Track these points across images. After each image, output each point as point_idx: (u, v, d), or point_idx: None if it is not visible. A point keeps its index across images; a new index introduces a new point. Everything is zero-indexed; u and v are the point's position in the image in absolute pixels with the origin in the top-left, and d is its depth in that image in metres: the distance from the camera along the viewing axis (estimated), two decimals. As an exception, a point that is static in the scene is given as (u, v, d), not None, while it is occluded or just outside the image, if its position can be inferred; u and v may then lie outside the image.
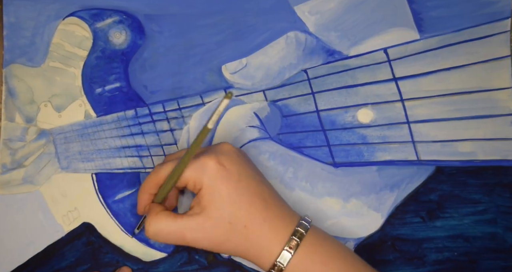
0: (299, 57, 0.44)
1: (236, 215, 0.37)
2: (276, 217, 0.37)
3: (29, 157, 0.47)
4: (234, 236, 0.37)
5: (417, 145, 0.41)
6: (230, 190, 0.37)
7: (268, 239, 0.37)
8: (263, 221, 0.37)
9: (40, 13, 0.47)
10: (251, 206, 0.37)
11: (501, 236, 0.40)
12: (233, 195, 0.37)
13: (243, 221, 0.37)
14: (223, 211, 0.37)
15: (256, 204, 0.37)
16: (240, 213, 0.37)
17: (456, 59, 0.41)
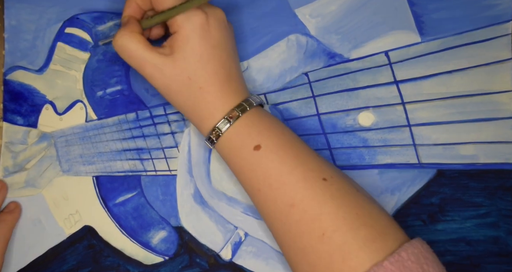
0: (300, 60, 0.44)
1: (197, 74, 0.38)
2: (231, 90, 0.39)
3: (31, 160, 0.47)
4: (187, 92, 0.38)
5: (418, 148, 0.41)
6: (203, 49, 0.38)
7: (215, 105, 0.38)
8: (219, 89, 0.38)
9: (41, 16, 0.47)
10: (214, 73, 0.38)
11: (504, 240, 0.40)
12: (204, 55, 0.38)
13: (201, 81, 0.38)
14: (188, 65, 0.38)
15: (220, 74, 0.38)
16: (202, 73, 0.38)
17: (457, 62, 0.41)
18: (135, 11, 0.41)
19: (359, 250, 0.32)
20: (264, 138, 0.37)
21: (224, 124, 0.38)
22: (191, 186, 0.45)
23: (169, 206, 0.45)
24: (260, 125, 0.38)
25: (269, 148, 0.37)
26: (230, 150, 0.38)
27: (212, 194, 0.44)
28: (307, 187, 0.35)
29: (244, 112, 0.38)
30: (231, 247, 0.44)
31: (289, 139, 0.38)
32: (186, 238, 0.44)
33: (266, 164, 0.36)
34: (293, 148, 0.37)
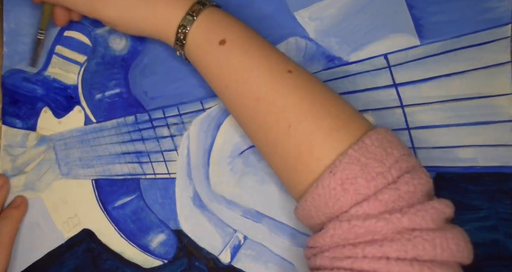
0: (299, 63, 0.44)
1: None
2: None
3: (30, 164, 0.47)
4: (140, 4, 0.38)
5: (418, 151, 0.41)
6: None
7: (172, 6, 0.38)
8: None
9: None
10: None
11: (503, 243, 0.40)
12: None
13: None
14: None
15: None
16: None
17: (456, 65, 0.41)
18: None
19: (324, 141, 0.33)
20: (228, 32, 0.37)
21: (188, 21, 0.38)
22: (190, 189, 0.45)
23: (168, 209, 0.45)
24: (223, 21, 0.38)
25: (233, 42, 0.37)
26: (197, 48, 0.38)
27: (211, 197, 0.44)
28: (272, 80, 0.35)
29: (205, 7, 0.38)
30: (230, 251, 0.44)
31: (252, 34, 0.38)
32: (185, 242, 0.44)
33: (232, 59, 0.36)
34: (257, 42, 0.37)
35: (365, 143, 0.32)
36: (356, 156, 0.31)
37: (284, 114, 0.34)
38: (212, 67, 0.38)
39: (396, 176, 0.31)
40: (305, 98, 0.34)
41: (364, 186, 0.31)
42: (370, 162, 0.31)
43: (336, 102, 0.35)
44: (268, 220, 0.43)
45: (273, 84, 0.35)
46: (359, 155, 0.31)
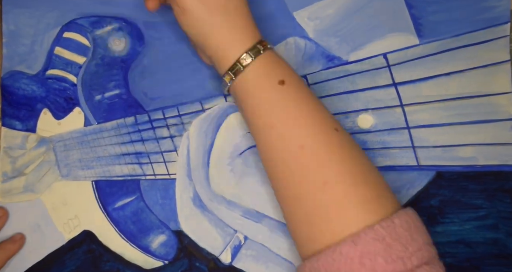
0: (299, 63, 0.44)
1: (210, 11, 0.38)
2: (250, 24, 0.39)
3: (30, 165, 0.47)
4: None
5: (417, 150, 0.41)
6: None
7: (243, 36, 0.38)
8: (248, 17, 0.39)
9: (39, 20, 0.47)
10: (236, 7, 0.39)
11: (503, 242, 0.40)
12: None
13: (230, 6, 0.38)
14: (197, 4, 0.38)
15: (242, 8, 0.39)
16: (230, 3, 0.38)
17: (455, 64, 0.41)
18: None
19: (355, 208, 0.33)
20: (287, 75, 0.37)
21: (248, 56, 0.37)
22: (190, 190, 0.45)
23: (169, 210, 0.45)
24: (281, 63, 0.38)
25: (293, 84, 0.37)
26: (254, 83, 0.37)
27: (212, 197, 0.44)
28: (321, 132, 0.35)
29: (266, 48, 0.38)
30: (231, 251, 0.44)
31: (305, 84, 0.38)
32: (186, 242, 0.44)
33: (288, 100, 0.36)
34: (311, 92, 0.38)
35: (394, 222, 0.32)
36: (382, 234, 0.31)
37: (324, 169, 0.34)
38: (265, 104, 0.37)
39: (415, 265, 0.31)
40: (347, 160, 0.34)
41: (382, 266, 0.30)
42: (395, 244, 0.31)
43: (373, 171, 0.35)
44: (268, 220, 0.43)
45: (321, 136, 0.35)
46: (386, 234, 0.31)
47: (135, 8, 0.46)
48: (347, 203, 0.33)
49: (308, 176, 0.34)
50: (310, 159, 0.35)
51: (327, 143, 0.35)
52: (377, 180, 0.35)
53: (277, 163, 0.37)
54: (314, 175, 0.34)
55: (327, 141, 0.35)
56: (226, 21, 0.38)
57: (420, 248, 0.31)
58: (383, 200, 0.34)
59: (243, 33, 0.38)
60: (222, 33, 0.38)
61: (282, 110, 0.36)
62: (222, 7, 0.38)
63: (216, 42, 0.39)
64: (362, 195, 0.33)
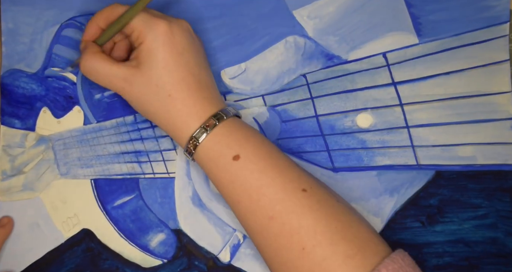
0: (298, 61, 0.44)
1: (164, 80, 0.37)
2: (203, 98, 0.38)
3: (29, 164, 0.47)
4: (157, 101, 0.38)
5: (417, 150, 0.41)
6: (168, 57, 0.38)
7: (187, 113, 0.38)
8: (187, 96, 0.38)
9: (38, 19, 0.47)
10: (182, 79, 0.38)
11: (502, 241, 0.40)
12: (170, 62, 0.38)
13: (169, 89, 0.38)
14: (154, 72, 0.37)
15: (188, 80, 0.38)
16: (169, 80, 0.37)
17: (455, 63, 0.41)
18: (95, 33, 0.41)
19: (339, 267, 0.32)
20: (243, 148, 0.36)
21: (201, 133, 0.37)
22: (189, 189, 0.45)
23: (168, 208, 0.45)
24: (238, 134, 0.37)
25: (248, 158, 0.36)
26: (209, 161, 0.37)
27: (211, 196, 0.44)
28: (287, 198, 0.35)
29: (221, 121, 0.37)
30: (230, 250, 0.44)
31: (268, 149, 0.37)
32: (185, 241, 0.44)
33: (246, 175, 0.36)
34: (272, 158, 0.37)
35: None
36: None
37: (298, 236, 0.34)
38: (224, 181, 0.37)
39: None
40: (320, 220, 0.34)
41: None
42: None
43: (352, 224, 0.35)
44: (267, 219, 0.43)
45: (287, 203, 0.34)
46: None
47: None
48: (329, 265, 0.32)
49: (284, 245, 0.34)
50: (282, 228, 0.34)
51: (296, 208, 0.34)
52: (358, 232, 0.34)
53: (253, 234, 0.37)
54: (290, 244, 0.34)
55: (296, 206, 0.34)
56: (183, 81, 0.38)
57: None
58: (368, 252, 0.33)
59: (200, 105, 0.38)
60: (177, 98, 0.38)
61: (242, 186, 0.36)
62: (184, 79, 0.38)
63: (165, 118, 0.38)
64: (343, 253, 0.33)
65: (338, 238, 0.33)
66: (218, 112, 0.38)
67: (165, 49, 0.37)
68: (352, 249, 0.33)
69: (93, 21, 0.41)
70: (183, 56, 0.38)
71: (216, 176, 0.37)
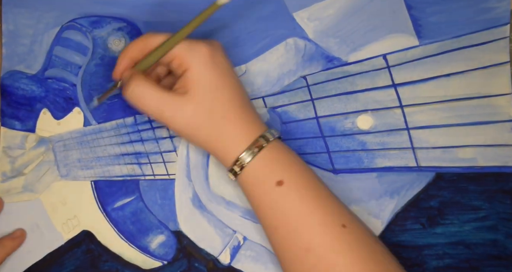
0: (298, 63, 0.44)
1: (217, 104, 0.37)
2: (250, 119, 0.38)
3: (29, 165, 0.47)
4: (209, 125, 0.37)
5: (417, 152, 0.41)
6: (215, 79, 0.37)
7: (239, 134, 0.37)
8: (239, 117, 0.38)
9: (38, 20, 0.47)
10: (231, 100, 0.38)
11: (502, 243, 0.40)
12: (219, 84, 0.37)
13: (222, 111, 0.37)
14: (206, 96, 0.37)
15: (236, 101, 0.38)
16: (221, 103, 0.37)
17: (455, 65, 0.41)
18: (129, 64, 0.40)
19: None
20: (287, 174, 0.36)
21: (249, 154, 0.37)
22: (189, 190, 0.45)
23: (168, 210, 0.45)
24: (283, 159, 0.37)
25: (292, 185, 0.36)
26: (252, 184, 0.37)
27: (211, 198, 0.44)
28: (326, 232, 0.34)
29: (268, 142, 0.37)
30: (230, 251, 0.44)
31: (310, 178, 0.37)
32: (185, 243, 0.44)
33: (287, 202, 0.35)
34: (314, 188, 0.36)
35: None
36: None
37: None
38: (264, 205, 0.37)
39: None
40: (357, 261, 0.33)
41: None
42: None
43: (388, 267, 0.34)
44: (267, 221, 0.43)
45: (326, 237, 0.34)
46: None
47: (135, 8, 0.46)
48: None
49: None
50: (318, 262, 0.34)
51: (334, 244, 0.34)
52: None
53: (288, 263, 0.36)
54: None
55: (334, 242, 0.34)
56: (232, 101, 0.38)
57: None
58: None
59: (248, 127, 0.38)
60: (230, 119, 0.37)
61: (282, 213, 0.35)
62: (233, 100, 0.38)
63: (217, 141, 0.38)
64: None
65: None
66: (264, 134, 0.37)
67: (210, 73, 0.37)
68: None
69: (125, 54, 0.39)
70: (227, 77, 0.38)
71: (256, 200, 0.37)
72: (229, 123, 0.37)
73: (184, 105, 0.37)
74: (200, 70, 0.37)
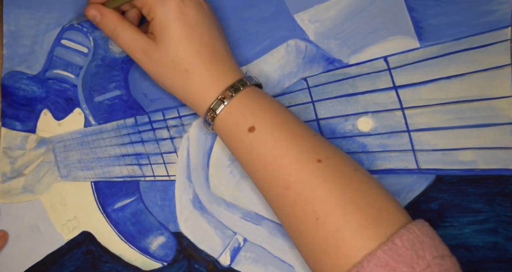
0: (299, 65, 0.44)
1: (180, 56, 0.38)
2: (219, 71, 0.38)
3: (29, 166, 0.47)
4: (175, 76, 0.38)
5: (417, 154, 0.41)
6: (182, 30, 0.38)
7: (205, 86, 0.38)
8: (204, 70, 0.38)
9: (39, 21, 0.47)
10: (197, 53, 0.38)
11: (503, 246, 0.40)
12: (184, 36, 0.38)
13: (185, 64, 0.38)
14: (170, 47, 0.38)
15: (203, 54, 0.38)
16: (184, 56, 0.38)
17: (456, 67, 0.41)
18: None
19: (352, 237, 0.32)
20: (259, 119, 0.37)
21: (218, 105, 0.37)
22: (190, 192, 0.45)
23: (168, 211, 0.45)
24: (255, 105, 0.38)
25: (263, 129, 0.36)
26: (226, 132, 0.38)
27: (211, 199, 0.44)
28: (301, 169, 0.35)
29: (237, 92, 0.38)
30: (230, 253, 0.44)
31: (284, 120, 0.37)
32: (185, 244, 0.44)
33: (260, 146, 0.36)
34: (288, 129, 0.37)
35: (395, 243, 0.31)
36: (385, 259, 0.30)
37: (312, 206, 0.34)
38: (241, 152, 0.37)
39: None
40: (334, 191, 0.34)
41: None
42: (399, 266, 0.30)
43: (367, 193, 0.34)
44: (267, 222, 0.43)
45: (301, 174, 0.35)
46: (388, 258, 0.30)
47: (136, 9, 0.46)
48: (342, 234, 0.32)
49: (299, 214, 0.34)
50: (297, 198, 0.34)
51: (310, 178, 0.34)
52: (375, 201, 0.34)
53: (271, 203, 0.37)
54: (304, 213, 0.34)
55: (310, 177, 0.34)
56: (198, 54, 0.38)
57: (428, 264, 0.30)
58: (382, 223, 0.33)
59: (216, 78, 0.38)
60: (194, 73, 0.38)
61: (258, 157, 0.36)
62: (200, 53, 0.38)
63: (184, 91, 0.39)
64: (356, 223, 0.32)
65: (352, 208, 0.33)
66: (235, 83, 0.38)
67: (178, 23, 0.38)
68: (366, 219, 0.32)
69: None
70: (197, 28, 0.38)
71: (233, 147, 0.38)
72: (193, 76, 0.38)
73: (151, 51, 0.39)
74: (165, 20, 0.38)
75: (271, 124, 0.37)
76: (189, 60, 0.38)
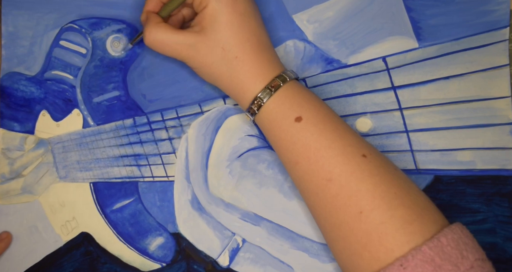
0: (298, 65, 0.44)
1: (230, 43, 0.38)
2: (266, 60, 0.39)
3: (28, 167, 0.47)
4: (223, 64, 0.38)
5: (416, 154, 0.41)
6: (232, 18, 0.38)
7: (254, 74, 0.38)
8: (254, 58, 0.38)
9: (38, 22, 0.47)
10: (247, 40, 0.38)
11: (501, 246, 0.40)
12: (234, 23, 0.38)
13: (235, 51, 0.38)
14: (220, 35, 0.38)
15: (252, 41, 0.38)
16: (235, 42, 0.38)
17: (455, 67, 0.41)
18: (156, 5, 0.41)
19: (396, 232, 0.32)
20: (305, 110, 0.37)
21: (266, 94, 0.38)
22: (188, 192, 0.45)
23: (167, 212, 0.45)
24: (300, 97, 0.38)
25: (310, 120, 0.36)
26: (271, 122, 0.38)
27: (210, 200, 0.44)
28: (346, 162, 0.35)
29: (285, 82, 0.38)
30: (229, 254, 0.44)
31: (328, 113, 0.38)
32: (184, 245, 0.44)
33: (306, 136, 0.36)
34: (332, 122, 0.37)
35: (440, 241, 0.31)
36: (430, 255, 0.30)
37: (356, 199, 0.34)
38: (285, 142, 0.37)
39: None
40: (379, 185, 0.34)
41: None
42: (445, 264, 0.30)
43: (410, 191, 0.34)
44: (266, 223, 0.43)
45: (346, 166, 0.35)
46: (434, 254, 0.30)
47: (134, 10, 0.46)
48: (387, 229, 0.32)
49: (341, 207, 0.34)
50: (340, 191, 0.34)
51: (355, 172, 0.34)
52: (417, 199, 0.34)
53: (309, 195, 0.37)
54: (347, 206, 0.34)
55: (355, 170, 0.34)
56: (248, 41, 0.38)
57: (472, 265, 0.31)
58: (425, 220, 0.33)
59: (264, 67, 0.38)
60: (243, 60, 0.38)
61: (302, 147, 0.36)
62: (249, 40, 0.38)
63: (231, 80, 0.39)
64: (401, 218, 0.32)
65: (397, 203, 0.33)
66: (281, 74, 0.38)
67: (228, 11, 0.38)
68: (411, 215, 0.32)
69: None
70: (246, 17, 0.38)
71: (277, 137, 0.38)
72: (242, 64, 0.38)
73: (198, 43, 0.38)
74: (217, 9, 0.38)
75: (317, 116, 0.37)
76: (240, 47, 0.38)
